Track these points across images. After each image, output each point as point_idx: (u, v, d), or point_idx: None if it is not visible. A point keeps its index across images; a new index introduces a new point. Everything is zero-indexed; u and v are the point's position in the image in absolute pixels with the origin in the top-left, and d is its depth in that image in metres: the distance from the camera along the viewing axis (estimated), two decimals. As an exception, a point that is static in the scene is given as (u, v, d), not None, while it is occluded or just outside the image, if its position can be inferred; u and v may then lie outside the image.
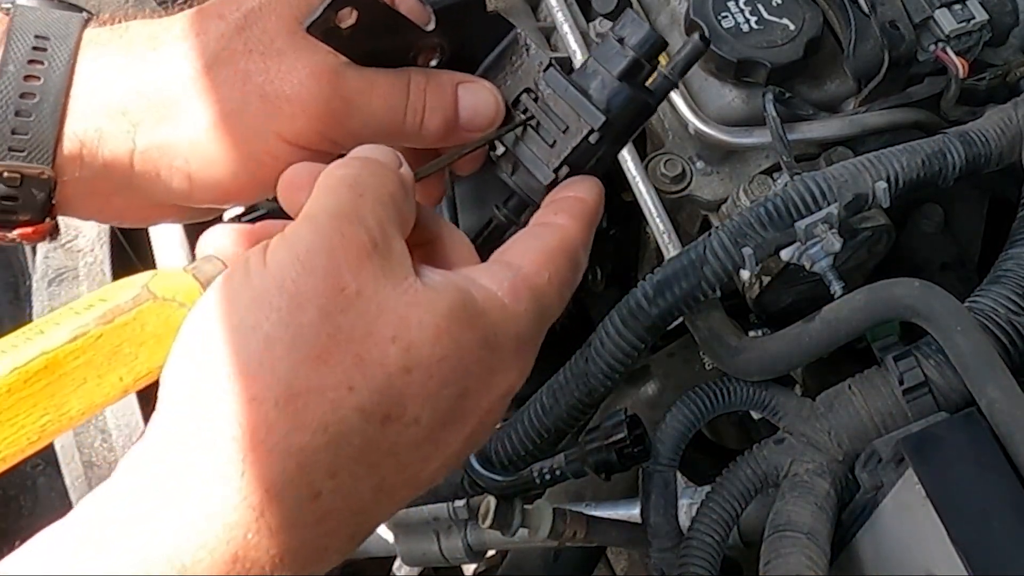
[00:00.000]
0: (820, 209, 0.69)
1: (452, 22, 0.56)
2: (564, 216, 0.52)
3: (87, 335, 0.42)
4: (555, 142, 0.54)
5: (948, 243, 0.89)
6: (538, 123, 0.55)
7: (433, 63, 0.57)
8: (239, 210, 1.11)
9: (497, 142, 0.56)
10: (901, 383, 0.67)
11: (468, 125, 0.56)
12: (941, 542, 0.57)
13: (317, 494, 0.40)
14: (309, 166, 0.49)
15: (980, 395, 0.62)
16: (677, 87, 0.65)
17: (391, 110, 0.54)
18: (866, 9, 0.76)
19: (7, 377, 0.41)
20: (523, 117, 0.55)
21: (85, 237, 1.12)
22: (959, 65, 0.77)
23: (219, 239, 0.49)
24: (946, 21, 0.77)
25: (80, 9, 0.57)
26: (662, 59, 0.57)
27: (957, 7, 0.77)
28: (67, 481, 1.01)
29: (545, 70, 0.55)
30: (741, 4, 0.77)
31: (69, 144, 0.53)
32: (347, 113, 0.53)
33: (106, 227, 1.13)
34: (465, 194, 0.86)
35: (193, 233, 1.11)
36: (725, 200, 0.80)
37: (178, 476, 0.39)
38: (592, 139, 0.54)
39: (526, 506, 0.78)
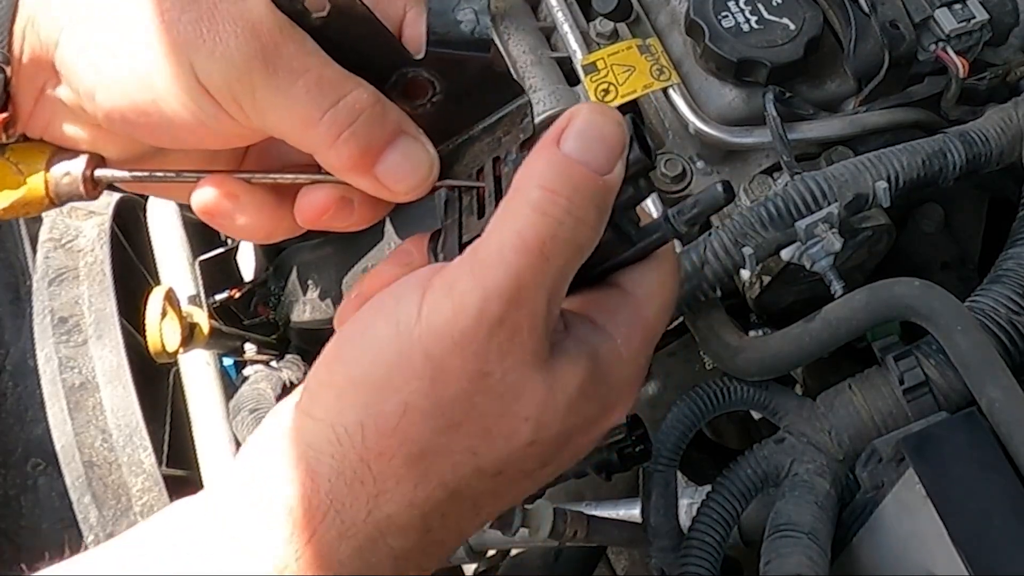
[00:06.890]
0: (820, 209, 0.69)
1: (451, 63, 0.49)
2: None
3: None
4: (486, 216, 0.47)
5: (948, 243, 0.89)
6: (485, 193, 0.48)
7: (420, 102, 0.49)
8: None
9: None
10: (901, 383, 0.67)
11: (384, 177, 0.48)
12: (941, 542, 0.57)
13: (428, 529, 0.44)
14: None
15: (980, 395, 0.62)
16: (680, 238, 0.52)
17: (311, 105, 0.45)
18: (866, 9, 0.76)
19: None
20: (470, 183, 0.50)
21: (85, 237, 1.12)
22: (959, 65, 0.77)
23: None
24: (946, 21, 0.77)
25: None
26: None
27: (957, 7, 0.77)
28: (67, 481, 1.00)
29: (521, 145, 0.49)
30: (741, 4, 0.77)
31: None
32: (265, 75, 0.44)
33: (106, 227, 1.12)
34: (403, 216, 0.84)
35: (195, 235, 1.12)
36: (725, 200, 0.80)
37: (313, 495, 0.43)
38: None
39: (526, 506, 0.78)
